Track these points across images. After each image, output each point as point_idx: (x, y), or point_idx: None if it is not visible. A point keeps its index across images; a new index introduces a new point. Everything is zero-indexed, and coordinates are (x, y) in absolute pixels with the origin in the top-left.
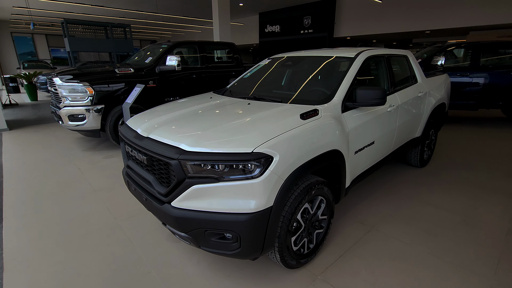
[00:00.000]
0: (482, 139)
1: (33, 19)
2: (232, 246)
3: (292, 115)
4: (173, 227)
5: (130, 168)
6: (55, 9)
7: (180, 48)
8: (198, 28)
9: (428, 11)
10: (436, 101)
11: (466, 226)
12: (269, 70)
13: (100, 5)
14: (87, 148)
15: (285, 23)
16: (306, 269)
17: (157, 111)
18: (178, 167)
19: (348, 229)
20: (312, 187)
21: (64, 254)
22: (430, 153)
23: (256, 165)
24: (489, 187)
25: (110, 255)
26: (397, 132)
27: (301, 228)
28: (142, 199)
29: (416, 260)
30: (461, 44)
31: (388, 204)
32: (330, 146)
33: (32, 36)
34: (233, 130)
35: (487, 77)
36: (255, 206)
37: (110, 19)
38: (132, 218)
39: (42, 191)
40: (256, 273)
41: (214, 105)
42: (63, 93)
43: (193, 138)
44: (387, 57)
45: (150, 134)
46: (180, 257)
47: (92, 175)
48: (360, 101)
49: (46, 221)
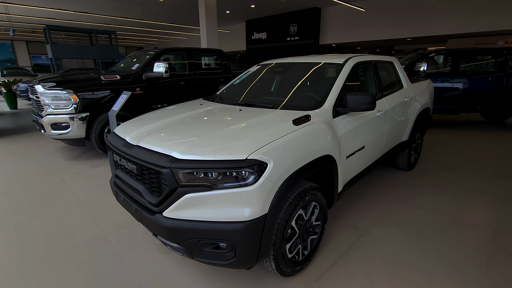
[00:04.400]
0: (464, 142)
1: (12, 25)
2: (226, 255)
3: (285, 121)
4: (165, 238)
5: (119, 177)
6: (36, 15)
7: (167, 55)
8: (185, 35)
9: (410, 20)
10: (421, 106)
11: (455, 228)
12: (258, 76)
13: (84, 12)
14: (72, 157)
15: (271, 31)
16: (301, 276)
17: (145, 118)
18: (170, 175)
19: (341, 234)
20: (306, 193)
21: (48, 270)
22: (417, 156)
23: (250, 172)
24: (474, 188)
25: (97, 269)
26: (386, 136)
27: (296, 235)
28: (131, 210)
29: (409, 263)
30: (442, 51)
31: (379, 208)
32: (323, 152)
33: (11, 42)
34: (226, 137)
35: (467, 83)
36: (250, 214)
37: (94, 26)
38: (120, 229)
39: (23, 204)
40: (251, 282)
41: (204, 111)
42: (46, 101)
43: (185, 145)
44: (374, 63)
45: (139, 143)
46: (172, 269)
47: (77, 186)
48: (351, 106)
49: (27, 236)
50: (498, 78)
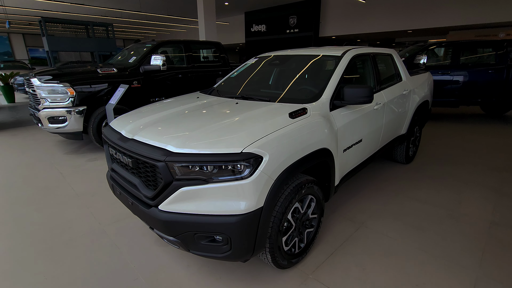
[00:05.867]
0: (463, 135)
1: (8, 18)
2: (222, 248)
3: (281, 114)
4: (161, 231)
5: (115, 171)
6: (33, 7)
7: (165, 48)
8: (183, 27)
9: (410, 12)
10: (420, 99)
11: (451, 220)
12: (256, 69)
13: (80, 3)
14: (69, 151)
15: (271, 23)
16: (298, 268)
17: (141, 112)
18: (165, 169)
19: (337, 227)
20: (302, 186)
21: (46, 263)
22: (415, 149)
23: (245, 166)
24: (471, 181)
25: (95, 262)
26: (384, 130)
27: (292, 228)
28: (128, 203)
29: (405, 255)
30: (442, 43)
31: (376, 201)
32: (320, 145)
33: (8, 35)
34: (222, 130)
35: (467, 75)
36: (245, 207)
37: (91, 18)
38: (117, 222)
39: (21, 197)
40: (247, 274)
41: (201, 105)
42: (42, 94)
43: (180, 139)
44: (373, 55)
45: (135, 136)
46: (169, 261)
47: (75, 179)
48: (348, 99)
49: (26, 229)
50: (499, 70)
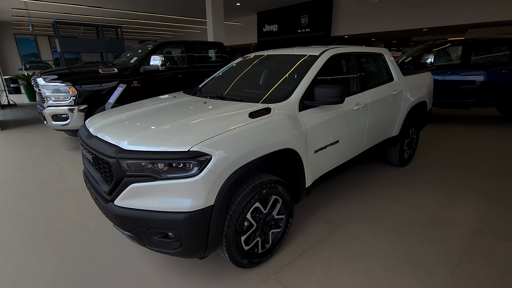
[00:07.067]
0: (471, 138)
1: (33, 21)
2: (173, 245)
3: (241, 113)
4: (117, 225)
5: (85, 167)
6: (55, 11)
7: (167, 48)
8: (197, 28)
9: (425, 9)
10: (415, 100)
11: (434, 226)
12: (239, 69)
13: (97, 6)
14: (73, 147)
15: (282, 23)
16: (261, 268)
17: (116, 110)
18: (116, 165)
19: (312, 228)
20: (264, 186)
21: (26, 252)
22: (412, 152)
23: (193, 164)
24: (467, 186)
25: (70, 253)
26: (368, 131)
27: (253, 228)
28: (93, 198)
29: (374, 259)
30: (454, 42)
31: (360, 204)
32: (283, 145)
33: (35, 37)
34: (176, 129)
35: (480, 75)
36: (193, 205)
37: (107, 20)
38: (100, 217)
39: (18, 190)
40: (210, 272)
41: (172, 104)
42: (46, 93)
43: (134, 136)
44: (357, 55)
45: (98, 133)
46: (138, 256)
47: (71, 174)
48: (319, 100)
49: (16, 220)
50: None
